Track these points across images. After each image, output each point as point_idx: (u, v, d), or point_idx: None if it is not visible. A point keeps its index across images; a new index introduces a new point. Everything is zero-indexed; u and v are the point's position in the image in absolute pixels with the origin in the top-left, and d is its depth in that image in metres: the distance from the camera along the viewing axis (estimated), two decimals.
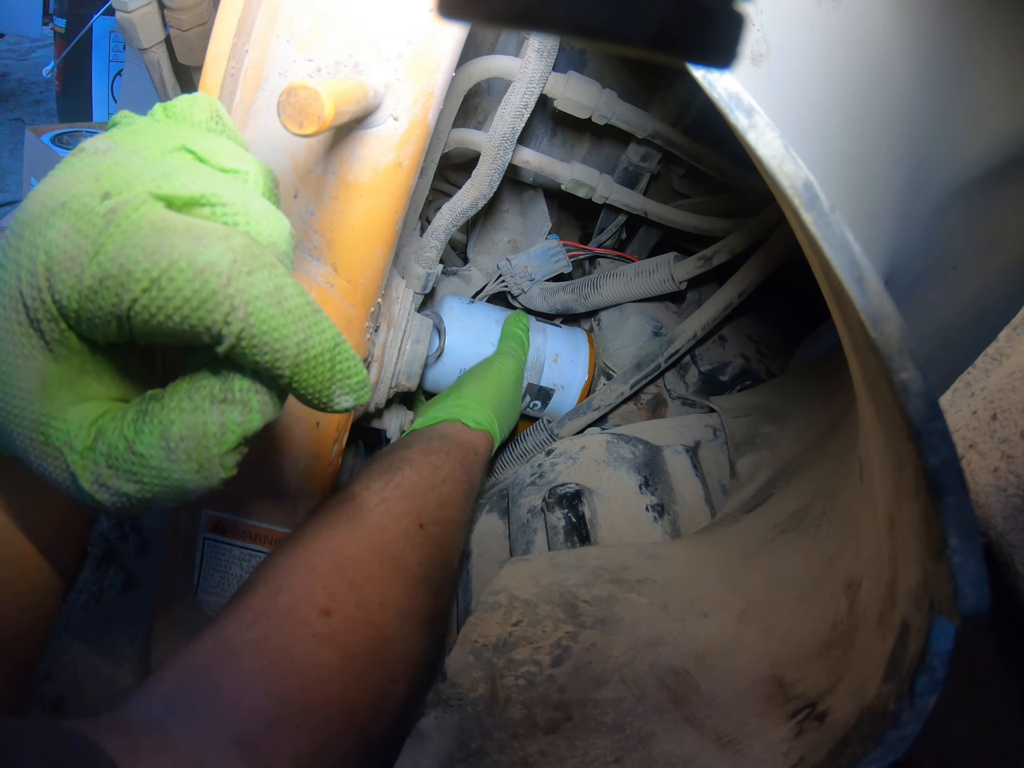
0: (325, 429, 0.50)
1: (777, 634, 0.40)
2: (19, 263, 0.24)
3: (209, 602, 0.53)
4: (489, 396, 0.64)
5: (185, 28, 0.58)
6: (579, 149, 0.77)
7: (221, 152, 0.28)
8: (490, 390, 0.65)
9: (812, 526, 0.45)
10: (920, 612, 0.26)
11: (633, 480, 0.64)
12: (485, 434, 0.61)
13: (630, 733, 0.38)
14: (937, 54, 0.42)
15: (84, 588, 0.72)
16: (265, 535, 0.52)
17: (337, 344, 0.26)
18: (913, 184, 0.44)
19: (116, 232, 0.23)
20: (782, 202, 0.30)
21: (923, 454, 0.24)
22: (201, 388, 0.26)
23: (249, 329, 0.24)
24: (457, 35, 0.41)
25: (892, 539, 0.31)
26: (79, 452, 0.26)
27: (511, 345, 0.70)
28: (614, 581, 0.52)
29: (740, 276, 0.66)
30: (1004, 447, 0.32)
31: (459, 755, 0.39)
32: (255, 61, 0.41)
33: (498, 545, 0.68)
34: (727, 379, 0.76)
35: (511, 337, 0.71)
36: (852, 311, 0.25)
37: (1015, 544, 0.31)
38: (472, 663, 0.45)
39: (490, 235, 0.83)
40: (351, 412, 0.32)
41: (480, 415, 0.61)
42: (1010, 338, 0.34)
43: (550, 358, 0.75)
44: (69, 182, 0.25)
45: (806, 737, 0.31)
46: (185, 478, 0.25)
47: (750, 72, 0.32)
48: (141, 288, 0.23)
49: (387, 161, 0.42)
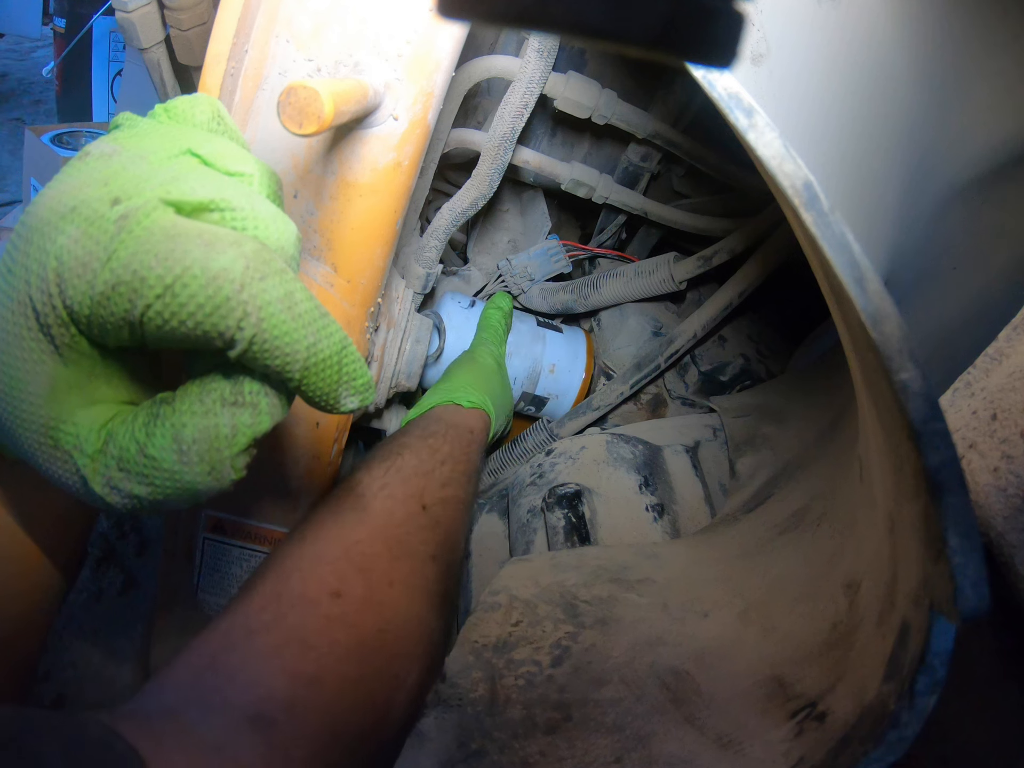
0: (325, 429, 0.50)
1: (777, 634, 0.40)
2: (29, 268, 0.24)
3: (209, 602, 0.53)
4: (477, 380, 0.64)
5: (185, 28, 0.58)
6: (579, 149, 0.77)
7: (226, 155, 0.28)
8: (476, 374, 0.65)
9: (812, 526, 0.45)
10: (920, 612, 0.26)
11: (633, 480, 0.64)
12: (481, 412, 0.61)
13: (630, 733, 0.38)
14: (937, 54, 0.42)
15: (84, 588, 0.72)
16: (265, 535, 0.52)
17: (344, 347, 0.26)
18: (913, 184, 0.44)
19: (128, 238, 0.24)
20: (782, 202, 0.30)
21: (923, 454, 0.24)
22: (212, 391, 0.26)
23: (261, 334, 0.24)
24: (457, 35, 0.41)
25: (892, 539, 0.31)
26: (89, 455, 0.26)
27: (484, 336, 0.71)
28: (614, 581, 0.52)
29: (740, 276, 0.66)
30: (1004, 447, 0.32)
31: (459, 755, 0.39)
32: (255, 61, 0.41)
33: (498, 545, 0.68)
34: (727, 379, 0.76)
35: (485, 327, 0.72)
36: (852, 311, 0.25)
37: (1015, 544, 0.31)
38: (472, 663, 0.45)
39: (490, 235, 0.83)
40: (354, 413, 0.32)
41: (473, 395, 0.61)
42: (1010, 338, 0.34)
43: (547, 368, 0.75)
44: (77, 187, 0.25)
45: (806, 737, 0.31)
46: (197, 480, 0.25)
47: (750, 72, 0.32)
48: (155, 294, 0.23)
49: (387, 161, 0.42)
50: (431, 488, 0.50)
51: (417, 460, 0.51)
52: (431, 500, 0.49)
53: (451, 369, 0.68)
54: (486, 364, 0.67)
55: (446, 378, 0.65)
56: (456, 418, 0.58)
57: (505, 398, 0.68)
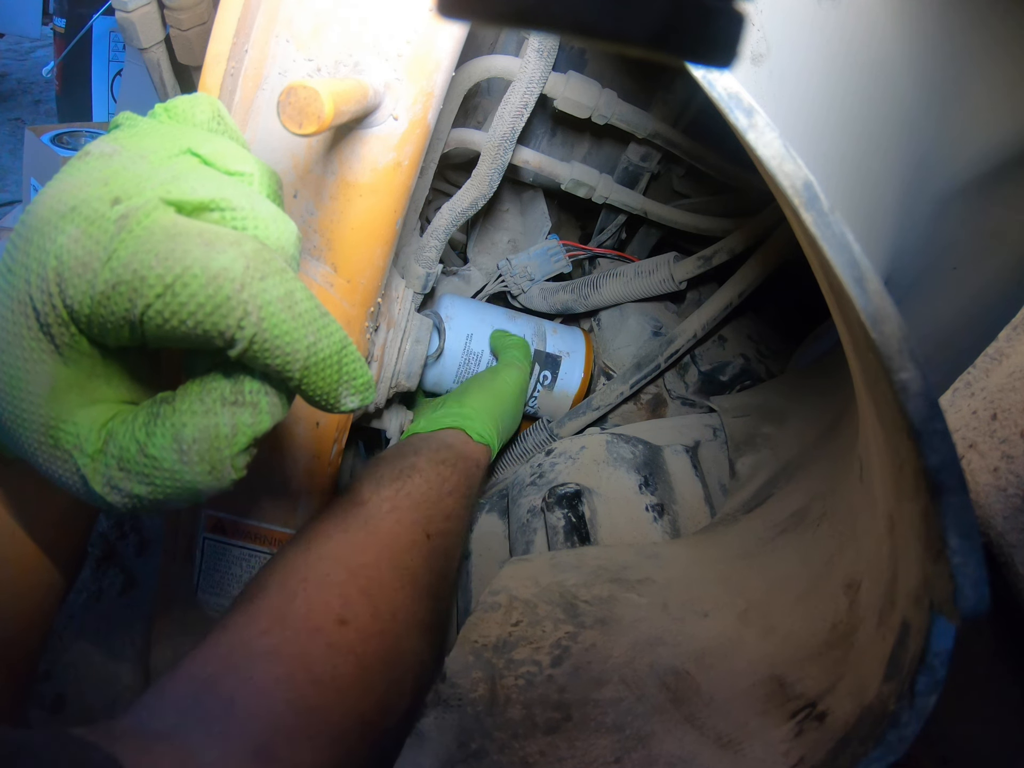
0: (325, 429, 0.50)
1: (777, 634, 0.40)
2: (29, 268, 0.24)
3: (209, 602, 0.53)
4: (492, 408, 0.63)
5: (185, 28, 0.58)
6: (579, 149, 0.77)
7: (226, 155, 0.28)
8: (493, 401, 0.64)
9: (812, 526, 0.45)
10: (920, 612, 0.26)
11: (633, 480, 0.64)
12: (486, 448, 0.61)
13: (630, 733, 0.38)
14: (937, 54, 0.42)
15: (84, 588, 0.72)
16: (265, 535, 0.52)
17: (344, 347, 0.27)
18: (913, 184, 0.44)
19: (129, 238, 0.24)
20: (782, 202, 0.30)
21: (923, 454, 0.24)
22: (212, 390, 0.26)
23: (262, 334, 0.24)
24: (457, 35, 0.41)
25: (892, 539, 0.31)
26: (90, 455, 0.26)
27: (515, 355, 0.68)
28: (614, 581, 0.52)
29: (740, 276, 0.66)
30: (1004, 447, 0.32)
31: (459, 755, 0.39)
32: (255, 61, 0.41)
33: (498, 545, 0.68)
34: (727, 379, 0.76)
35: (515, 346, 0.69)
36: (852, 311, 0.25)
37: (1015, 544, 0.31)
38: (472, 663, 0.45)
39: (490, 235, 0.83)
40: (354, 412, 0.32)
41: (483, 427, 0.60)
42: (1010, 338, 0.34)
43: (550, 329, 0.76)
44: (77, 186, 0.25)
45: (806, 737, 0.31)
46: (197, 480, 0.25)
47: (750, 72, 0.32)
48: (155, 294, 0.23)
49: (387, 161, 0.42)
50: (436, 518, 0.50)
51: (427, 487, 0.51)
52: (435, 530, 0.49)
53: (470, 386, 0.66)
54: (507, 388, 0.65)
55: (463, 395, 0.64)
56: (466, 449, 0.58)
57: (512, 424, 0.67)
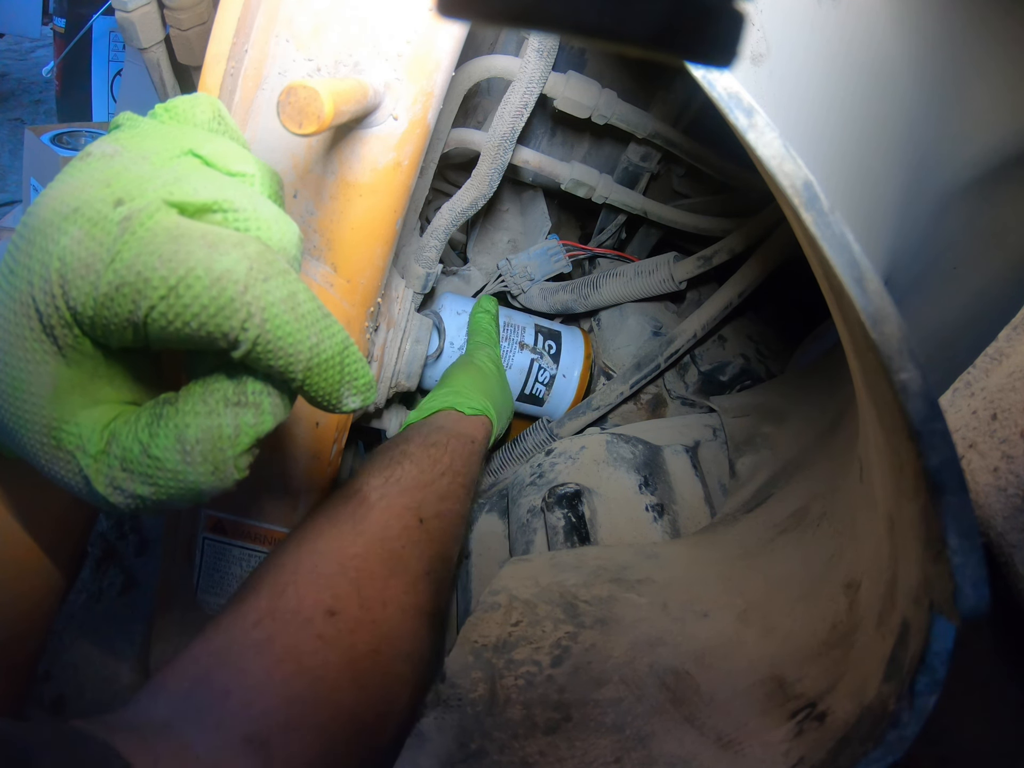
0: (325, 429, 0.50)
1: (777, 634, 0.40)
2: (31, 269, 0.24)
3: (209, 602, 0.53)
4: (478, 382, 0.64)
5: (185, 28, 0.58)
6: (579, 149, 0.77)
7: (227, 155, 0.28)
8: (478, 376, 0.65)
9: (812, 526, 0.45)
10: (920, 612, 0.26)
11: (633, 480, 0.64)
12: (482, 419, 0.61)
13: (630, 733, 0.38)
14: (936, 54, 0.42)
15: (84, 588, 0.72)
16: (265, 535, 0.52)
17: (346, 347, 0.27)
18: (913, 184, 0.44)
19: (132, 239, 0.24)
20: (782, 202, 0.30)
21: (923, 454, 0.24)
22: (215, 391, 0.26)
23: (265, 335, 0.24)
24: (457, 34, 0.41)
25: (892, 539, 0.31)
26: (92, 456, 0.26)
27: (478, 340, 0.71)
28: (614, 581, 0.52)
29: (740, 276, 0.66)
30: (1004, 447, 0.32)
31: (459, 755, 0.39)
32: (255, 61, 0.41)
33: (498, 545, 0.68)
34: (727, 379, 0.76)
35: (477, 332, 0.72)
36: (852, 311, 0.25)
37: (1015, 544, 0.31)
38: (472, 663, 0.45)
39: (490, 235, 0.83)
40: (355, 412, 0.33)
41: (474, 400, 0.61)
42: (1010, 338, 0.34)
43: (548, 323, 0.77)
44: (79, 187, 0.25)
45: (806, 737, 0.31)
46: (200, 480, 0.25)
47: (750, 72, 0.32)
48: (159, 295, 0.23)
49: (387, 161, 0.42)
50: (429, 501, 0.50)
51: (418, 471, 0.51)
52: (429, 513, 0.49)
53: (450, 372, 0.67)
54: (485, 367, 0.67)
55: (446, 382, 0.65)
56: (459, 427, 0.58)
57: (505, 400, 0.68)
